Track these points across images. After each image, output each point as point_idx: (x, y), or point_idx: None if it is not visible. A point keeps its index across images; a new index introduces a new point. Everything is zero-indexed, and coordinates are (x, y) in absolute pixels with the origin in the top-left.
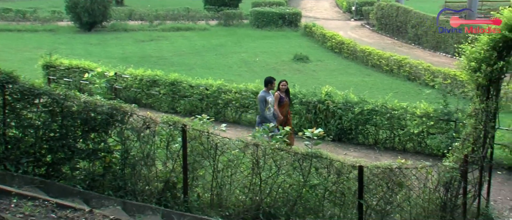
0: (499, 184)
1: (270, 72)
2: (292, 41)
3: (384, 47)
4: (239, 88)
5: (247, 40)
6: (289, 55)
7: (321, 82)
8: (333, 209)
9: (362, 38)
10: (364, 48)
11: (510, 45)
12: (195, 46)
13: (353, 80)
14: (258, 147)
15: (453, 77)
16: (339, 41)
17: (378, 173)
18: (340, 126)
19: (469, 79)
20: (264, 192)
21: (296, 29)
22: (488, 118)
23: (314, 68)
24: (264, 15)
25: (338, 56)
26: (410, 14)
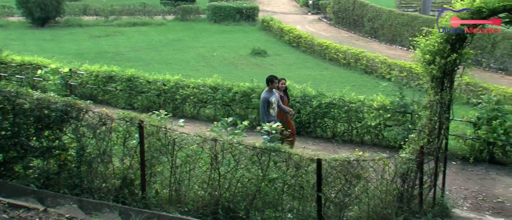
0: (453, 174)
1: (228, 67)
2: (250, 35)
3: (341, 40)
4: (197, 83)
5: (205, 35)
6: (247, 50)
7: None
8: (292, 203)
9: (320, 32)
10: (321, 42)
11: (463, 37)
12: (152, 41)
13: (311, 74)
14: (217, 142)
15: (409, 70)
16: (297, 35)
17: (336, 166)
18: (298, 120)
19: (424, 72)
20: (223, 187)
21: (254, 23)
22: (442, 109)
23: (272, 63)
24: (222, 10)
25: (296, 50)
26: (367, 7)
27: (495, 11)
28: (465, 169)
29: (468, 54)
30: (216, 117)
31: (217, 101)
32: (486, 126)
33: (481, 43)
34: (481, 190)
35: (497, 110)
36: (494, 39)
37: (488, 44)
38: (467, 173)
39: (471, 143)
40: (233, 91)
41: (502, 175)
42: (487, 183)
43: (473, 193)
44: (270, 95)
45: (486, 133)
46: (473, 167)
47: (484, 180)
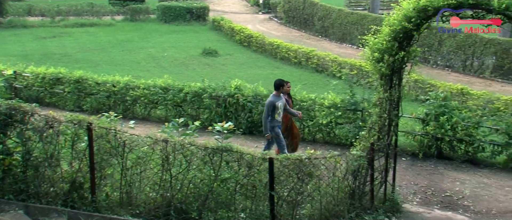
0: (403, 170)
1: (179, 67)
2: (201, 35)
3: (292, 39)
4: (148, 84)
5: (155, 35)
6: (198, 50)
7: (230, 76)
8: (245, 202)
9: (271, 31)
10: (272, 41)
11: (410, 36)
12: (101, 42)
13: (263, 73)
14: (168, 143)
15: (359, 68)
16: (248, 34)
17: (288, 165)
18: (250, 119)
19: (373, 70)
20: (175, 188)
21: (204, 23)
22: (391, 106)
23: (224, 62)
24: (172, 10)
25: (247, 50)
26: (317, 6)
27: (440, 9)
28: (414, 164)
29: (416, 52)
30: (167, 117)
31: (168, 102)
32: (434, 122)
33: (428, 41)
34: (430, 185)
35: (444, 106)
36: (441, 37)
37: (435, 42)
38: (417, 169)
39: (420, 139)
40: (184, 91)
41: (450, 170)
42: (435, 178)
43: (423, 188)
44: (277, 100)
45: (434, 129)
46: (422, 163)
47: (433, 175)
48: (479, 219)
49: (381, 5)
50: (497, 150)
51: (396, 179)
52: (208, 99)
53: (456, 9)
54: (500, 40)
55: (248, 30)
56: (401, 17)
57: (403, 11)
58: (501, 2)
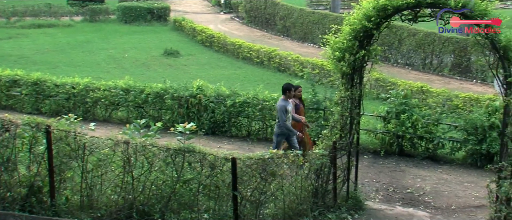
0: (366, 168)
1: (140, 68)
2: (162, 36)
3: (254, 39)
4: (108, 86)
5: (115, 36)
6: (159, 50)
7: (192, 76)
8: (208, 203)
9: (232, 31)
10: (234, 41)
11: (370, 35)
12: (60, 43)
13: (225, 73)
14: (129, 145)
15: (320, 67)
16: (209, 34)
17: (251, 164)
18: (213, 119)
19: (334, 69)
20: (137, 190)
21: (166, 23)
22: (353, 104)
23: (185, 63)
24: (132, 10)
25: (209, 50)
26: (278, 6)
27: (399, 8)
28: (376, 162)
29: (376, 50)
30: (128, 119)
31: (129, 104)
32: (395, 120)
33: (388, 39)
34: (391, 182)
35: (404, 104)
36: (400, 35)
37: (395, 40)
38: (379, 166)
39: (381, 136)
40: (146, 93)
41: (411, 167)
42: (397, 175)
43: (385, 185)
44: (287, 104)
45: (395, 127)
46: (384, 160)
47: (394, 172)
48: (439, 214)
49: (342, 5)
50: (456, 146)
51: (359, 177)
52: (170, 100)
53: (415, 8)
54: (457, 39)
55: (210, 30)
56: (361, 16)
57: (363, 10)
58: (457, 1)
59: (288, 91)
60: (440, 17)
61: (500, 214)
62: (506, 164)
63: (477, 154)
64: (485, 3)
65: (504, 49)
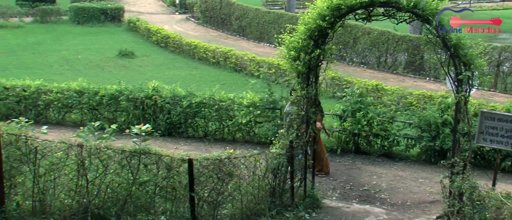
0: None
1: (94, 69)
2: (116, 36)
3: (210, 39)
4: (61, 88)
5: (68, 37)
6: (113, 51)
7: (148, 77)
8: (165, 205)
9: (188, 32)
10: (190, 41)
11: (325, 34)
12: (9, 45)
13: (181, 74)
14: (83, 147)
15: (277, 66)
16: (165, 35)
17: (208, 165)
18: (169, 121)
19: (290, 68)
20: (92, 193)
21: (120, 24)
22: (309, 104)
23: (140, 64)
24: (85, 11)
25: (164, 51)
26: (234, 6)
27: (353, 7)
28: (333, 160)
29: (331, 49)
30: (83, 121)
31: (83, 106)
32: (351, 118)
33: (343, 38)
34: (348, 180)
35: (360, 102)
36: (355, 34)
37: (350, 39)
38: (335, 164)
39: (337, 135)
40: (100, 94)
41: (367, 164)
42: (353, 173)
43: (341, 183)
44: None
45: (351, 125)
46: (340, 158)
47: (351, 169)
48: (395, 211)
49: (297, 4)
50: (410, 143)
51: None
52: (125, 101)
53: (368, 7)
54: (411, 37)
55: (165, 30)
56: (316, 16)
57: (318, 10)
58: (409, 1)
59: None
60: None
61: (453, 209)
62: (458, 160)
63: (431, 150)
64: (436, 2)
65: (454, 47)
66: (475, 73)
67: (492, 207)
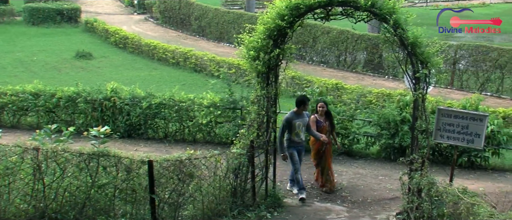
0: (284, 165)
1: (51, 71)
2: (73, 37)
3: (169, 40)
4: (16, 91)
5: (22, 38)
6: (70, 53)
7: (106, 78)
8: (125, 207)
9: (147, 32)
10: (149, 42)
11: (284, 33)
12: None
13: (140, 75)
14: (39, 151)
15: (237, 66)
16: (123, 36)
17: (168, 166)
18: (128, 122)
19: (249, 68)
20: (49, 197)
21: (77, 25)
22: (269, 103)
23: (99, 65)
24: (40, 11)
25: (123, 52)
26: (193, 6)
27: (312, 7)
28: None
29: (291, 49)
30: (39, 124)
31: (39, 109)
32: None
33: (303, 38)
34: (309, 179)
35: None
36: (315, 34)
37: (309, 39)
38: None
39: None
40: (57, 97)
41: None
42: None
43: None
44: (295, 118)
45: None
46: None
47: (312, 168)
48: (355, 208)
49: (257, 4)
50: (370, 141)
51: (277, 175)
52: (83, 103)
53: (326, 6)
54: (369, 36)
55: (124, 31)
56: (275, 15)
57: (277, 10)
58: (367, 0)
59: (303, 105)
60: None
61: (412, 205)
62: (417, 157)
63: (390, 147)
64: (393, 1)
65: (411, 46)
66: (432, 71)
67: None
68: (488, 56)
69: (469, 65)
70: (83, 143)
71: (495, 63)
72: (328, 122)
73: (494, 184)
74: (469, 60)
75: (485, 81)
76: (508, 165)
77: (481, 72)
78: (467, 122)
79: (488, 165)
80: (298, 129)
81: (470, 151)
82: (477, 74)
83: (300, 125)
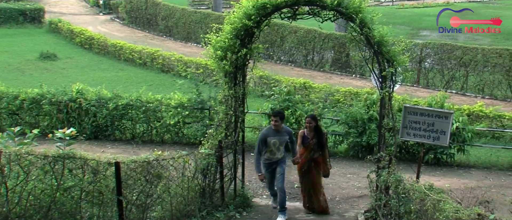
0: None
1: (14, 73)
2: (37, 38)
3: (136, 40)
4: None
5: None
6: (34, 54)
7: (72, 80)
8: (92, 210)
9: (113, 33)
10: (115, 42)
11: (251, 33)
12: None
13: (106, 75)
14: (1, 154)
15: (204, 66)
16: (89, 36)
17: (135, 168)
18: (95, 124)
19: (217, 68)
20: (12, 201)
21: (40, 25)
22: (237, 103)
23: (64, 66)
24: (2, 12)
25: (89, 52)
26: (159, 6)
27: (278, 6)
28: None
29: (258, 48)
30: (2, 127)
31: (2, 111)
32: None
33: (270, 37)
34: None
35: (288, 100)
36: (282, 33)
37: (277, 38)
38: None
39: None
40: (21, 98)
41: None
42: None
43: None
44: (271, 135)
45: None
46: None
47: None
48: None
49: (224, 4)
50: (338, 139)
51: (246, 175)
52: (48, 105)
53: (293, 6)
54: (336, 35)
55: (89, 32)
56: (242, 15)
57: (244, 9)
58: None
59: (274, 119)
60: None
61: (380, 202)
62: (384, 154)
63: (358, 146)
64: (359, 0)
65: (378, 44)
66: (398, 69)
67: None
68: (453, 55)
69: (434, 63)
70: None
71: (459, 61)
72: (316, 139)
73: (460, 180)
74: (434, 59)
75: (450, 79)
76: (473, 161)
77: (446, 70)
78: (433, 119)
79: (453, 161)
80: (273, 147)
81: (436, 148)
82: (443, 72)
83: (276, 143)
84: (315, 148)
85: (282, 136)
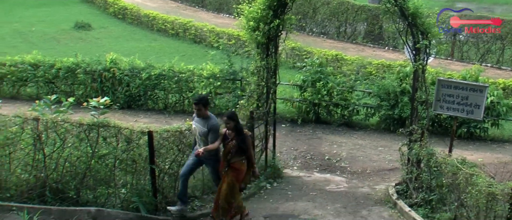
0: (283, 136)
1: (50, 42)
2: (72, 8)
3: (169, 11)
4: (15, 61)
5: (20, 8)
6: (69, 23)
7: (106, 49)
8: (125, 177)
9: (146, 3)
10: (148, 12)
11: (284, 4)
12: None
13: (139, 46)
14: (39, 121)
15: (236, 37)
16: (122, 6)
17: (168, 137)
18: (128, 93)
19: (249, 39)
20: (50, 167)
21: None
22: (269, 74)
23: (98, 36)
24: None
25: (122, 22)
26: None
27: None
28: (294, 130)
29: (291, 19)
30: (38, 95)
31: (39, 79)
32: (311, 88)
33: (303, 9)
34: (309, 149)
35: (320, 72)
36: (315, 4)
37: (309, 9)
38: (296, 134)
39: (298, 105)
40: (57, 67)
41: (327, 134)
42: (314, 142)
43: (302, 152)
44: (195, 118)
45: (311, 95)
46: (301, 128)
47: (312, 139)
48: (355, 178)
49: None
50: (370, 112)
51: (277, 146)
52: (83, 74)
53: None
54: (370, 7)
55: (122, 2)
56: None
57: None
58: None
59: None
60: None
61: (411, 175)
62: (416, 128)
63: (390, 118)
64: None
65: (412, 16)
66: (432, 42)
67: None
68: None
69: (469, 36)
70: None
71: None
72: (236, 141)
73: (493, 155)
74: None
75: (486, 53)
76: (507, 136)
77: (481, 44)
78: (467, 93)
79: (487, 136)
80: (195, 133)
81: (470, 122)
82: (478, 46)
83: (196, 129)
84: (232, 152)
85: (203, 124)
